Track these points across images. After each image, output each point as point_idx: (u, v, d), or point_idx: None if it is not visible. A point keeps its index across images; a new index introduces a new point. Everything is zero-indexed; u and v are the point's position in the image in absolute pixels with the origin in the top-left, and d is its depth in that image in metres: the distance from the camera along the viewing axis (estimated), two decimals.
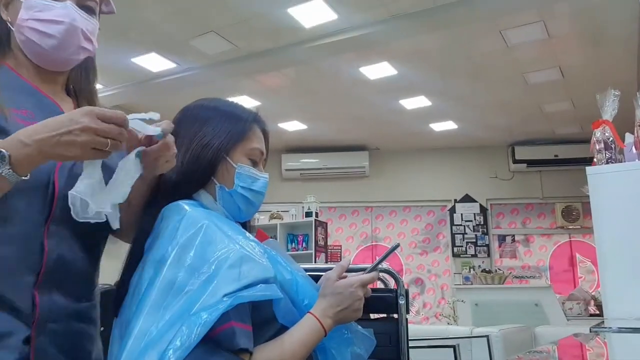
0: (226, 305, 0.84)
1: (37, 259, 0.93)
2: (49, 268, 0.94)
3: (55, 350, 0.94)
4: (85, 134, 0.82)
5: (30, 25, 0.99)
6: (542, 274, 7.58)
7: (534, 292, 5.52)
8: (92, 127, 0.82)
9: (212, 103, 1.13)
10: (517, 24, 4.46)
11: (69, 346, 0.97)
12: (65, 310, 0.97)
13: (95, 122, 0.83)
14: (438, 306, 7.67)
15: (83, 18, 1.02)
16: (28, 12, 0.99)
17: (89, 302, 1.03)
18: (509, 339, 3.51)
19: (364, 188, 8.01)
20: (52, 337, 0.94)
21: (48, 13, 0.98)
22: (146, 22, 4.33)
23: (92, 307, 1.05)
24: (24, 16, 0.99)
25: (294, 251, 6.05)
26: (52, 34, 0.98)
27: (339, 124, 7.05)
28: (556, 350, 1.52)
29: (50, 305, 0.94)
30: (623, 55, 5.02)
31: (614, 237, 1.83)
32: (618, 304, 1.78)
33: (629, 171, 1.86)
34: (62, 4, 1.00)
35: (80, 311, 1.00)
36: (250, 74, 5.42)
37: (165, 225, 0.97)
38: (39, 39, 0.99)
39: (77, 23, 1.00)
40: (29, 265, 0.93)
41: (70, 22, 0.99)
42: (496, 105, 6.32)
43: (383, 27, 4.43)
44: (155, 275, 0.91)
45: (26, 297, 0.92)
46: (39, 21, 0.98)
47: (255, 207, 1.10)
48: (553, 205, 7.64)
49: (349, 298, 1.02)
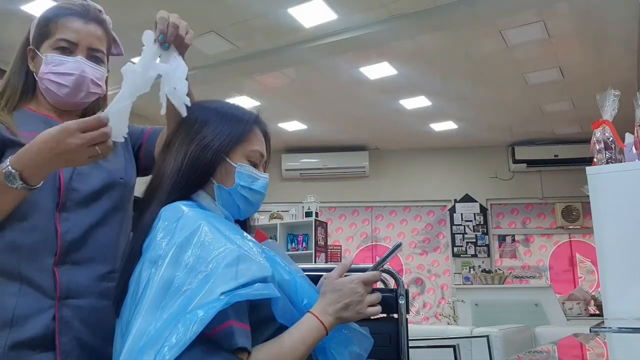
0: (222, 303, 0.84)
1: (54, 242, 1.11)
2: (64, 249, 1.11)
3: (80, 324, 1.10)
4: (78, 153, 0.96)
5: (49, 78, 1.19)
6: (542, 274, 7.58)
7: (534, 292, 5.52)
8: (79, 144, 0.95)
9: (212, 104, 1.13)
10: (517, 24, 4.46)
11: (94, 321, 1.11)
12: (88, 288, 1.13)
13: (79, 138, 0.95)
14: (438, 306, 7.67)
15: (91, 68, 1.21)
16: (47, 66, 1.19)
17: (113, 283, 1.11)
18: (509, 339, 3.51)
19: (364, 188, 8.01)
20: (76, 312, 1.10)
21: (62, 67, 1.18)
22: (145, 22, 4.29)
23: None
24: (44, 70, 1.19)
25: (294, 251, 6.05)
26: (66, 84, 1.19)
27: (339, 124, 7.06)
28: (556, 351, 1.52)
29: (70, 283, 1.11)
30: (623, 55, 5.02)
31: (614, 237, 1.83)
32: (618, 304, 1.78)
33: (629, 171, 1.86)
34: (74, 58, 1.19)
35: (105, 290, 1.14)
36: (250, 74, 5.42)
37: (163, 225, 0.97)
38: (56, 88, 1.19)
39: (85, 74, 1.20)
40: (48, 248, 1.10)
41: (80, 74, 1.19)
42: (496, 105, 6.32)
43: (383, 27, 4.43)
44: (153, 275, 0.90)
45: (49, 276, 1.09)
46: (55, 74, 1.18)
47: (255, 207, 1.09)
48: (553, 205, 7.64)
49: (349, 294, 1.00)
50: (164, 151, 1.09)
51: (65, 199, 1.13)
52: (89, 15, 1.23)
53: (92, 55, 1.22)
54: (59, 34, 1.20)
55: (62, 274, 1.10)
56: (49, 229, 1.10)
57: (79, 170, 1.16)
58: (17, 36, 1.28)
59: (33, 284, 1.08)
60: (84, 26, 1.21)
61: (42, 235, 1.10)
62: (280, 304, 0.94)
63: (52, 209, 1.12)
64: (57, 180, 1.13)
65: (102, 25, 1.26)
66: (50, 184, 1.11)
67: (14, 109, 1.21)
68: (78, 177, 1.16)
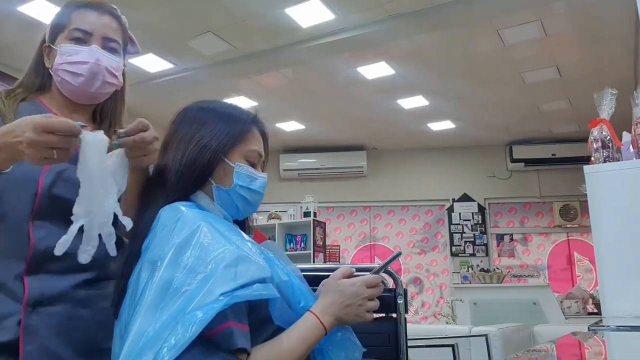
0: (222, 304, 0.84)
1: (25, 249, 1.07)
2: (37, 258, 1.07)
3: (47, 332, 1.04)
4: (31, 149, 0.88)
5: (63, 68, 1.16)
6: (540, 273, 7.59)
7: (532, 291, 5.53)
8: (36, 140, 0.88)
9: (210, 105, 1.12)
10: (514, 23, 4.46)
11: (68, 330, 1.06)
12: (63, 294, 1.07)
13: (40, 135, 0.88)
14: (437, 305, 7.67)
15: (107, 57, 1.18)
16: (62, 57, 1.16)
17: (97, 291, 1.11)
18: (507, 338, 3.51)
19: (362, 188, 8.01)
20: (47, 320, 1.04)
21: (77, 56, 1.16)
22: (143, 22, 4.32)
23: (101, 297, 1.10)
24: (59, 61, 1.17)
25: (292, 251, 6.04)
26: (80, 73, 1.16)
27: (337, 124, 7.06)
28: (555, 349, 1.52)
29: (42, 288, 1.06)
30: (620, 54, 5.03)
31: (612, 236, 1.83)
32: (616, 302, 1.78)
33: (627, 170, 1.86)
34: (89, 48, 1.17)
35: (84, 298, 1.09)
36: (247, 74, 5.42)
37: (162, 226, 0.97)
38: (71, 78, 1.16)
39: (100, 62, 1.17)
40: (18, 254, 1.07)
41: (95, 62, 1.16)
42: (494, 104, 6.33)
43: (380, 27, 4.43)
44: (152, 276, 0.90)
45: (19, 281, 1.05)
46: (70, 64, 1.16)
47: (254, 207, 1.09)
48: (551, 204, 7.66)
49: (351, 296, 1.00)
50: (162, 152, 1.09)
51: (42, 205, 1.09)
52: (103, 8, 1.22)
53: (107, 46, 1.20)
54: (73, 25, 1.18)
55: (32, 281, 1.05)
56: (21, 234, 1.07)
57: (64, 177, 1.10)
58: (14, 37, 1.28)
59: (4, 288, 1.05)
60: (98, 17, 1.20)
61: (14, 240, 1.07)
62: (278, 306, 0.94)
63: (26, 215, 1.08)
64: (36, 185, 1.09)
65: (117, 19, 1.24)
66: (28, 188, 1.08)
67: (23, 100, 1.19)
68: (62, 184, 1.10)
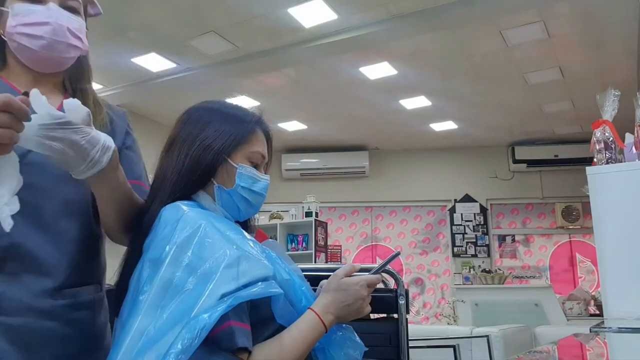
0: (225, 306, 0.84)
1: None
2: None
3: (7, 345, 0.91)
4: None
5: (19, 31, 1.01)
6: (542, 274, 7.58)
7: (534, 292, 5.52)
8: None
9: (215, 105, 1.12)
10: (517, 24, 4.46)
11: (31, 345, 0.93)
12: (25, 304, 0.94)
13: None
14: (438, 306, 7.67)
15: (67, 17, 1.04)
16: (15, 18, 1.01)
17: (65, 301, 0.99)
18: (509, 339, 3.51)
19: (364, 188, 8.01)
20: (6, 333, 0.91)
21: (33, 16, 1.01)
22: (146, 22, 4.33)
23: (72, 307, 1.00)
24: (12, 23, 1.01)
25: (294, 251, 6.05)
26: (40, 35, 1.01)
27: (339, 124, 7.06)
28: (556, 351, 1.52)
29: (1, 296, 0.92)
30: (623, 55, 5.02)
31: (614, 237, 1.83)
32: (618, 303, 1.78)
33: (629, 171, 1.86)
34: (45, 6, 1.03)
35: (51, 309, 0.96)
36: (250, 74, 5.42)
37: (164, 225, 0.97)
38: (29, 41, 1.01)
39: (62, 22, 1.03)
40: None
41: (55, 21, 1.02)
42: (496, 105, 6.32)
43: (383, 27, 4.43)
44: (153, 274, 0.91)
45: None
46: (26, 25, 1.01)
47: (255, 209, 1.09)
48: (553, 205, 7.64)
49: (353, 296, 1.01)
50: (166, 151, 1.09)
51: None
52: None
53: (66, 5, 1.06)
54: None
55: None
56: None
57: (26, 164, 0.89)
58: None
59: None
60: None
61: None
62: (280, 304, 0.94)
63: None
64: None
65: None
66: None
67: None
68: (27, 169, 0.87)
